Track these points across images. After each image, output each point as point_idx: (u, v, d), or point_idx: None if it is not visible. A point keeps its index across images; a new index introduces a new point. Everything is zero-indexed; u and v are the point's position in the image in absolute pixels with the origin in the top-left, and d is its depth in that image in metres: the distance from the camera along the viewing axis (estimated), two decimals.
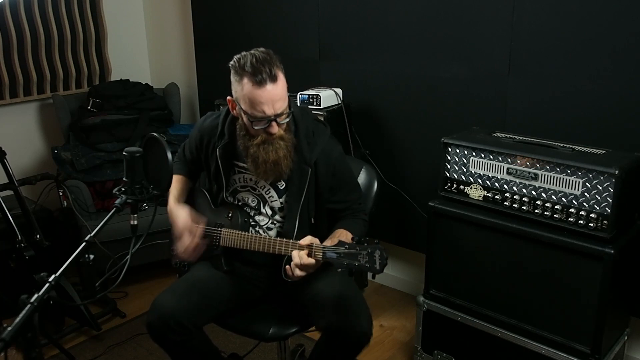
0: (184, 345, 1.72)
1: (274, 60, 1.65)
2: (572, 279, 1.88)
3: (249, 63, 1.63)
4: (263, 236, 1.77)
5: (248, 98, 1.64)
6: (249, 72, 1.62)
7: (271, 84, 1.62)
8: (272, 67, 1.62)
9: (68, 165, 3.08)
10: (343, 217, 1.88)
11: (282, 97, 1.66)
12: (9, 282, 2.60)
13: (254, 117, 1.66)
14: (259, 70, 1.61)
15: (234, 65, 1.68)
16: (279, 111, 1.66)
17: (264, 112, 1.64)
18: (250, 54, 1.65)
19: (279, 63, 1.66)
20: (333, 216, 1.89)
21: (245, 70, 1.62)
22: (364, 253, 1.57)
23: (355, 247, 1.58)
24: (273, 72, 1.62)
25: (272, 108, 1.64)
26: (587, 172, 1.81)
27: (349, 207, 1.89)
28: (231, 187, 1.89)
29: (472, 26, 2.36)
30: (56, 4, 3.34)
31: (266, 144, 1.70)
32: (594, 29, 2.06)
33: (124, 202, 1.42)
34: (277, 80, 1.63)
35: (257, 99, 1.63)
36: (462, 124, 2.39)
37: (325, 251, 1.62)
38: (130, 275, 2.47)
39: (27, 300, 1.20)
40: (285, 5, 3.00)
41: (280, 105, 1.66)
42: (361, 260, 1.57)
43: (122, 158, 1.43)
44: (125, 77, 3.55)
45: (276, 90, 1.64)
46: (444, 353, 2.29)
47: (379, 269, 1.57)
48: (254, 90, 1.62)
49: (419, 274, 2.90)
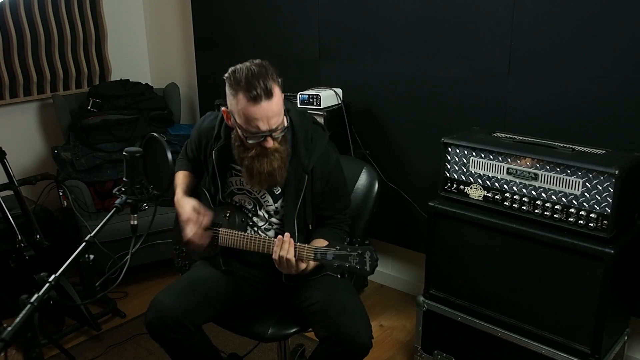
0: (183, 344, 1.72)
1: (270, 74, 1.62)
2: (572, 279, 1.88)
3: (244, 78, 1.60)
4: (260, 236, 1.77)
5: (243, 114, 1.62)
6: (244, 88, 1.59)
7: (266, 100, 1.59)
8: (267, 82, 1.59)
9: (68, 165, 3.08)
10: (325, 226, 1.87)
11: (277, 113, 1.64)
12: (9, 282, 2.60)
13: (248, 132, 1.65)
14: (253, 85, 1.58)
15: (229, 79, 1.65)
16: (274, 127, 1.64)
17: (258, 128, 1.62)
18: (245, 68, 1.63)
19: (275, 76, 1.63)
20: (317, 222, 1.88)
21: (240, 85, 1.60)
22: (355, 254, 1.57)
23: (346, 249, 1.59)
24: (268, 87, 1.59)
25: (266, 124, 1.62)
26: (587, 172, 1.81)
27: (333, 215, 1.88)
28: (227, 189, 1.89)
29: (472, 26, 2.36)
30: (56, 4, 3.34)
31: (261, 156, 1.69)
32: (594, 29, 2.06)
33: (124, 202, 1.43)
34: (272, 96, 1.61)
35: (252, 116, 1.61)
36: (462, 124, 2.39)
37: (317, 252, 1.62)
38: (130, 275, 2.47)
39: (27, 300, 1.20)
40: (285, 5, 3.00)
41: (275, 121, 1.64)
42: (352, 261, 1.58)
43: (122, 158, 1.43)
44: (125, 77, 3.55)
45: (271, 106, 1.61)
46: (444, 353, 2.29)
47: (370, 271, 1.57)
48: (248, 107, 1.60)
49: (419, 274, 2.90)
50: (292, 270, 1.67)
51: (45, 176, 2.88)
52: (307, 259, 1.64)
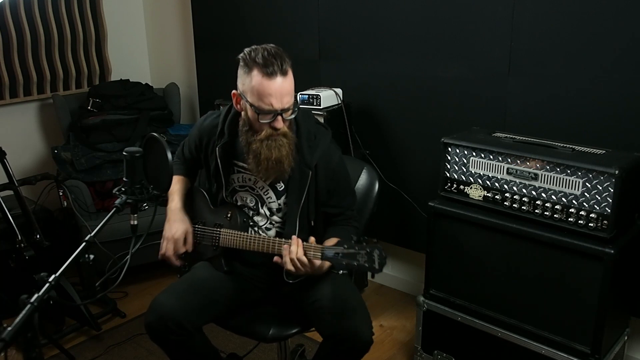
0: (183, 345, 1.72)
1: (285, 57, 1.66)
2: (572, 279, 1.88)
3: (260, 55, 1.63)
4: (262, 236, 1.77)
5: (257, 90, 1.63)
6: (260, 64, 1.62)
7: (281, 77, 1.63)
8: (283, 62, 1.63)
9: (68, 165, 3.09)
10: (335, 223, 1.88)
11: (290, 92, 1.66)
12: (9, 282, 2.60)
13: (261, 110, 1.65)
14: (270, 62, 1.62)
15: (244, 57, 1.67)
16: (287, 106, 1.66)
17: (271, 104, 1.63)
18: (262, 48, 1.66)
19: (289, 60, 1.67)
20: (326, 220, 1.89)
21: (257, 62, 1.63)
22: (363, 253, 1.57)
23: (354, 247, 1.59)
24: (284, 67, 1.63)
25: (280, 102, 1.64)
26: (587, 172, 1.81)
27: (342, 212, 1.88)
28: (230, 187, 1.89)
29: (472, 26, 2.36)
30: (56, 4, 3.34)
31: (269, 140, 1.69)
32: (594, 29, 2.06)
33: (124, 202, 1.42)
34: (287, 75, 1.64)
35: (266, 91, 1.62)
36: (462, 124, 2.39)
37: (325, 251, 1.62)
38: (130, 275, 2.47)
39: (27, 300, 1.20)
40: (285, 5, 3.00)
41: (288, 100, 1.66)
42: (360, 259, 1.58)
43: (122, 158, 1.43)
44: (125, 77, 3.55)
45: (285, 84, 1.64)
46: (444, 353, 2.29)
47: (378, 269, 1.57)
48: (263, 82, 1.62)
49: (419, 274, 2.90)
50: (308, 270, 1.67)
51: (45, 176, 2.88)
52: (315, 257, 1.64)
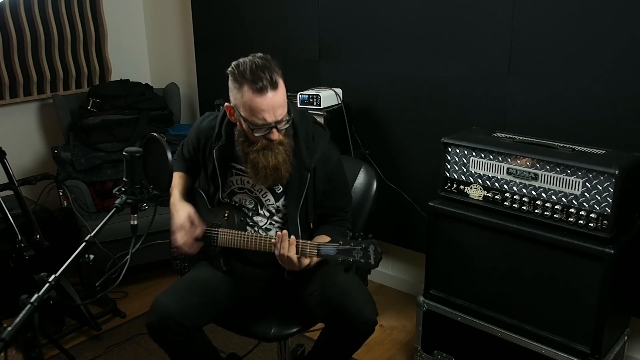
0: (184, 345, 1.72)
1: (273, 66, 1.64)
2: (572, 279, 1.88)
3: (248, 70, 1.61)
4: (260, 235, 1.77)
5: (249, 106, 1.63)
6: (249, 80, 1.61)
7: (272, 91, 1.61)
8: (272, 74, 1.61)
9: (68, 165, 3.09)
10: (328, 223, 1.88)
11: (282, 104, 1.66)
12: (9, 282, 2.60)
13: (255, 125, 1.65)
14: (259, 77, 1.60)
15: (232, 72, 1.66)
16: (280, 118, 1.66)
17: (264, 119, 1.63)
18: (249, 61, 1.64)
19: (278, 69, 1.65)
20: (320, 221, 1.89)
21: (245, 77, 1.61)
22: (358, 249, 1.58)
23: (349, 243, 1.59)
24: (273, 79, 1.61)
25: (272, 115, 1.64)
26: (587, 172, 1.81)
27: (336, 213, 1.88)
28: (228, 189, 1.89)
29: (472, 26, 2.36)
30: (56, 4, 3.34)
31: (266, 149, 1.69)
32: (594, 29, 2.06)
33: (124, 202, 1.42)
34: (277, 87, 1.63)
35: (258, 107, 1.62)
36: (462, 124, 2.39)
37: (320, 248, 1.62)
38: (130, 275, 2.47)
39: (27, 300, 1.20)
40: (285, 5, 3.00)
41: (280, 112, 1.65)
42: (356, 255, 1.58)
43: (122, 158, 1.43)
44: (125, 77, 3.55)
45: (277, 97, 1.63)
46: (444, 353, 2.29)
47: (374, 264, 1.58)
48: (254, 98, 1.61)
49: (419, 274, 2.90)
50: (295, 267, 1.67)
51: (45, 176, 2.88)
52: (311, 255, 1.64)
